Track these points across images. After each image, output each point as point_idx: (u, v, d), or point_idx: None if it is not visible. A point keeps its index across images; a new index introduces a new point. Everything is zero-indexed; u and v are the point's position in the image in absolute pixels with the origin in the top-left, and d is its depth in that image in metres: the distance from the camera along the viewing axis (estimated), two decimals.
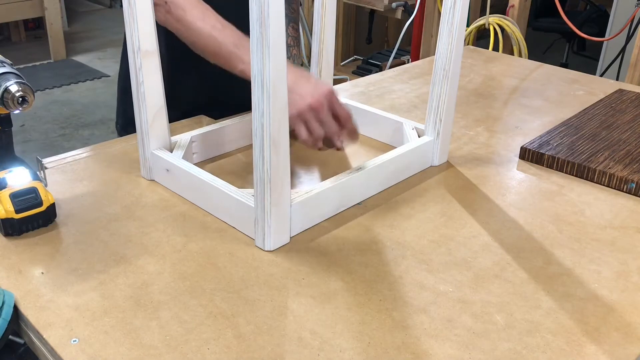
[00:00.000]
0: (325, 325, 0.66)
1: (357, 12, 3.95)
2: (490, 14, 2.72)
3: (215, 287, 0.71)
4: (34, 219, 0.79)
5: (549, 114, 1.25)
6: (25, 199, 0.78)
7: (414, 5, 2.91)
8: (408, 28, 2.90)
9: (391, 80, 1.43)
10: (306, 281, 0.73)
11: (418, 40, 3.06)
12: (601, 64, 3.29)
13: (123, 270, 0.74)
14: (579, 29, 2.53)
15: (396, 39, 3.05)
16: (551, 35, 4.10)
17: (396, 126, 1.07)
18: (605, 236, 0.84)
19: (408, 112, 1.24)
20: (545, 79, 1.47)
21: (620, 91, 1.34)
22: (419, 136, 1.01)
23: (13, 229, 0.79)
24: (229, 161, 1.02)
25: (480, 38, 2.90)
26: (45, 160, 0.94)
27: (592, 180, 0.98)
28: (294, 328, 0.65)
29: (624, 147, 1.05)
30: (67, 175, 0.95)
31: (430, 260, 0.77)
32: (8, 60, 0.80)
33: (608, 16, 3.31)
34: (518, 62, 1.62)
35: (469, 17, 2.46)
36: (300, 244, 0.80)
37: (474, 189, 0.95)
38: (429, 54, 3.00)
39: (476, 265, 0.77)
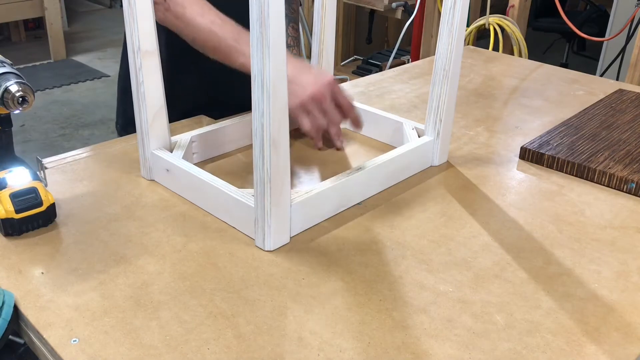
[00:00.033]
0: (325, 325, 0.66)
1: (357, 12, 3.95)
2: (490, 14, 2.72)
3: (215, 287, 0.71)
4: (34, 219, 0.79)
5: (549, 114, 1.25)
6: (25, 199, 0.78)
7: (414, 5, 2.90)
8: (408, 28, 2.90)
9: (391, 80, 1.43)
10: (306, 281, 0.73)
11: (418, 40, 3.06)
12: (601, 64, 3.29)
13: (123, 270, 0.74)
14: (579, 29, 2.53)
15: (396, 39, 3.05)
16: (551, 35, 4.10)
17: (396, 126, 1.07)
18: (605, 236, 0.84)
19: (408, 112, 1.24)
20: (545, 79, 1.47)
21: (620, 91, 1.34)
22: (419, 136, 1.01)
23: (13, 229, 0.79)
24: (229, 161, 1.02)
25: (480, 38, 2.90)
26: (45, 160, 0.94)
27: (592, 180, 0.98)
28: (294, 328, 0.65)
29: (624, 147, 1.05)
30: (67, 175, 0.95)
31: (430, 260, 0.77)
32: (8, 60, 0.80)
33: (608, 16, 3.31)
34: (518, 62, 1.62)
35: (469, 17, 2.46)
36: (300, 244, 0.80)
37: (474, 189, 0.95)
38: (429, 54, 3.00)
39: (476, 265, 0.77)
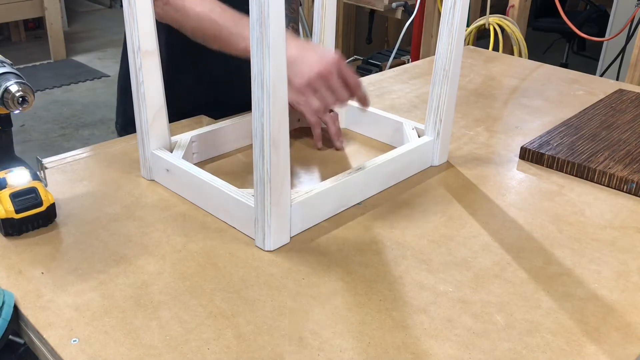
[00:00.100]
0: (325, 325, 0.66)
1: (357, 12, 3.95)
2: (490, 14, 2.72)
3: (215, 287, 0.71)
4: (34, 219, 0.79)
5: (549, 114, 1.25)
6: (25, 199, 0.78)
7: (414, 5, 2.90)
8: (408, 28, 2.90)
9: (391, 80, 1.43)
10: (306, 281, 0.73)
11: (418, 40, 3.06)
12: (601, 64, 3.29)
13: (123, 270, 0.74)
14: (579, 29, 2.53)
15: (396, 39, 3.05)
16: (551, 35, 4.10)
17: (396, 126, 1.07)
18: (605, 236, 0.84)
19: (408, 112, 1.24)
20: (545, 79, 1.47)
21: (620, 91, 1.34)
22: (419, 136, 1.01)
23: (13, 229, 0.79)
24: (229, 161, 1.02)
25: (480, 38, 2.90)
26: (45, 160, 0.94)
27: (592, 180, 0.98)
28: (294, 328, 0.65)
29: (624, 147, 1.05)
30: (67, 175, 0.95)
31: (430, 260, 0.77)
32: (8, 60, 0.80)
33: (608, 16, 3.31)
34: (518, 62, 1.62)
35: (469, 17, 2.46)
36: (300, 244, 0.80)
37: (474, 189, 0.95)
38: (429, 54, 3.00)
39: (476, 265, 0.77)
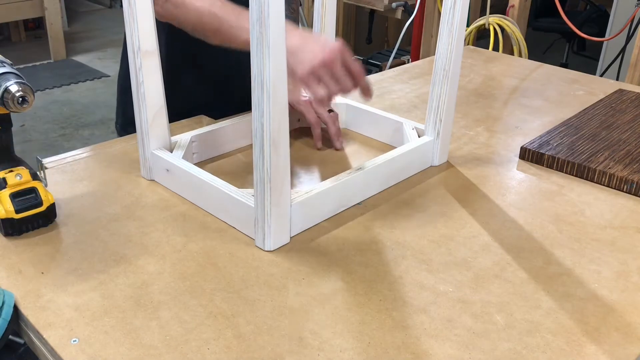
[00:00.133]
0: (325, 325, 0.66)
1: (357, 12, 3.95)
2: (490, 14, 2.72)
3: (215, 287, 0.71)
4: (34, 219, 0.79)
5: (549, 114, 1.25)
6: (25, 199, 0.78)
7: (414, 5, 2.90)
8: (408, 28, 2.90)
9: (391, 80, 1.43)
10: (306, 281, 0.73)
11: (418, 40, 3.06)
12: (601, 64, 3.29)
13: (123, 270, 0.74)
14: (579, 29, 2.53)
15: (396, 39, 3.05)
16: (551, 35, 4.10)
17: (396, 126, 1.07)
18: (605, 236, 0.84)
19: (408, 112, 1.24)
20: (545, 79, 1.47)
21: (620, 91, 1.34)
22: (419, 136, 1.01)
23: (13, 229, 0.79)
24: (229, 161, 1.02)
25: (480, 38, 2.90)
26: (45, 160, 0.94)
27: (592, 180, 0.98)
28: (294, 328, 0.65)
29: (624, 147, 1.05)
30: (67, 175, 0.95)
31: (430, 260, 0.77)
32: (8, 60, 0.80)
33: (608, 16, 3.31)
34: (518, 62, 1.62)
35: (469, 17, 2.46)
36: (300, 244, 0.80)
37: (474, 189, 0.95)
38: (429, 54, 3.00)
39: (476, 265, 0.77)
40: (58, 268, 0.74)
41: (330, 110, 1.09)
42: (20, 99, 0.75)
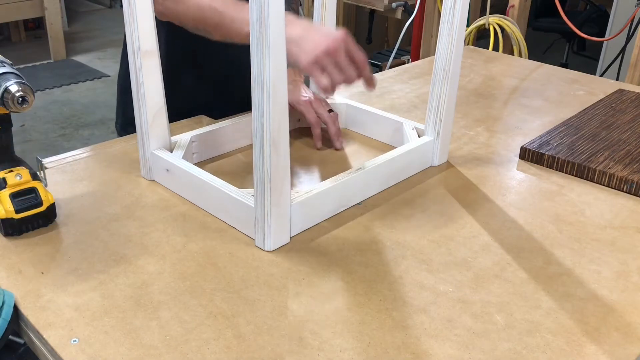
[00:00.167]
0: (325, 325, 0.66)
1: (357, 12, 3.95)
2: (490, 14, 2.72)
3: (215, 287, 0.71)
4: (34, 219, 0.79)
5: (549, 114, 1.25)
6: (25, 199, 0.78)
7: (414, 5, 2.90)
8: (408, 28, 2.90)
9: (391, 80, 1.43)
10: (306, 281, 0.73)
11: (418, 40, 3.06)
12: (601, 64, 3.29)
13: (123, 270, 0.74)
14: (579, 29, 2.53)
15: (396, 39, 3.05)
16: (551, 35, 4.10)
17: (396, 126, 1.07)
18: (605, 236, 0.84)
19: (408, 112, 1.24)
20: (545, 79, 1.47)
21: (620, 91, 1.34)
22: (419, 136, 1.01)
23: (13, 229, 0.79)
24: (229, 161, 1.02)
25: (480, 38, 2.90)
26: (45, 160, 0.94)
27: (592, 180, 0.98)
28: (294, 328, 0.65)
29: (624, 147, 1.05)
30: (67, 175, 0.95)
31: (430, 260, 0.77)
32: (8, 60, 0.80)
33: (608, 16, 3.31)
34: (518, 62, 1.62)
35: (469, 17, 2.46)
36: (300, 244, 0.80)
37: (474, 189, 0.95)
38: (429, 54, 3.00)
39: (476, 265, 0.77)
40: (58, 268, 0.74)
41: (330, 110, 1.09)
42: (20, 99, 0.75)
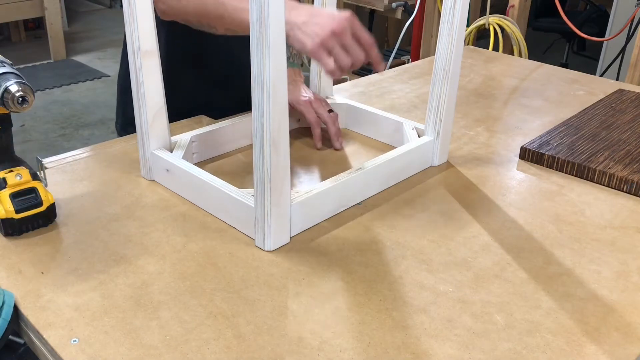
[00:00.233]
0: (325, 325, 0.66)
1: (357, 12, 3.94)
2: (490, 14, 2.72)
3: (215, 287, 0.71)
4: (34, 219, 0.79)
5: (549, 114, 1.25)
6: (25, 199, 0.78)
7: (414, 5, 2.90)
8: (408, 28, 2.90)
9: (391, 80, 1.43)
10: (306, 281, 0.73)
11: (418, 40, 3.06)
12: (601, 64, 3.29)
13: (123, 270, 0.74)
14: (579, 29, 2.53)
15: (396, 39, 3.05)
16: (551, 35, 4.10)
17: (396, 126, 1.07)
18: (605, 236, 0.84)
19: (408, 112, 1.24)
20: (545, 79, 1.47)
21: (620, 91, 1.34)
22: (419, 136, 1.01)
23: (13, 229, 0.79)
24: (229, 161, 1.02)
25: (480, 38, 2.90)
26: (45, 160, 0.94)
27: (592, 180, 0.98)
28: (294, 328, 0.65)
29: (624, 147, 1.05)
30: (67, 175, 0.95)
31: (430, 260, 0.77)
32: (8, 60, 0.80)
33: (608, 16, 3.31)
34: (518, 62, 1.62)
35: (469, 17, 2.46)
36: (300, 244, 0.80)
37: (474, 189, 0.95)
38: (429, 54, 3.01)
39: (476, 265, 0.77)
40: (58, 268, 0.74)
41: (330, 110, 1.09)
42: (20, 99, 0.75)
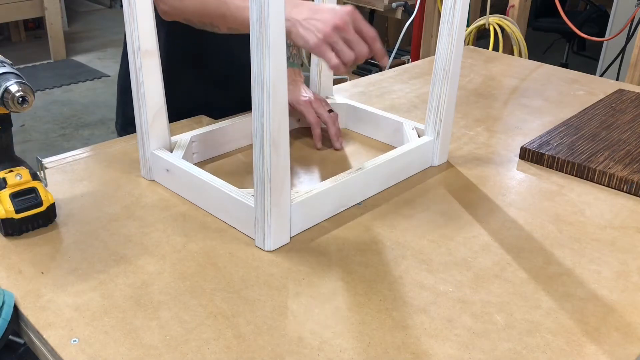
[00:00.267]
0: (325, 325, 0.66)
1: None
2: (490, 14, 2.73)
3: (215, 287, 0.71)
4: (34, 219, 0.79)
5: (549, 114, 1.25)
6: (25, 199, 0.78)
7: (414, 5, 2.91)
8: (408, 28, 2.90)
9: (391, 80, 1.43)
10: (306, 281, 0.73)
11: (418, 40, 3.06)
12: (601, 64, 3.29)
13: (123, 270, 0.74)
14: (579, 29, 2.53)
15: (396, 39, 3.05)
16: (551, 35, 4.10)
17: (396, 126, 1.07)
18: (605, 236, 0.84)
19: (408, 112, 1.24)
20: (545, 79, 1.47)
21: (620, 91, 1.34)
22: (419, 136, 1.01)
23: (13, 229, 0.79)
24: (229, 161, 1.02)
25: (480, 38, 2.90)
26: (45, 160, 0.94)
27: (592, 180, 0.98)
28: (294, 328, 0.65)
29: (624, 147, 1.05)
30: (67, 175, 0.95)
31: (430, 260, 0.77)
32: (8, 60, 0.80)
33: (608, 16, 3.31)
34: (518, 62, 1.62)
35: (469, 17, 2.46)
36: (300, 244, 0.80)
37: (474, 189, 0.95)
38: (429, 54, 3.01)
39: (476, 265, 0.77)
40: (58, 268, 0.74)
41: (330, 110, 1.09)
42: (20, 99, 0.75)
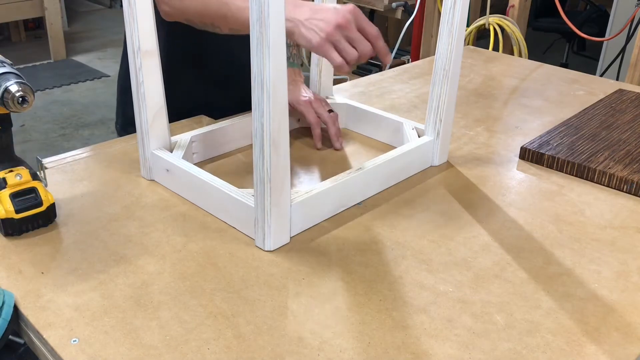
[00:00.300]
0: (325, 325, 0.66)
1: None
2: (490, 14, 2.72)
3: (215, 287, 0.71)
4: (34, 219, 0.79)
5: (549, 114, 1.25)
6: (25, 199, 0.78)
7: (414, 5, 2.91)
8: (408, 28, 2.90)
9: (391, 80, 1.43)
10: (306, 281, 0.73)
11: (418, 40, 3.06)
12: (601, 64, 3.29)
13: (123, 270, 0.74)
14: (579, 29, 2.53)
15: (396, 39, 3.05)
16: (551, 35, 4.10)
17: (396, 126, 1.07)
18: (605, 236, 0.84)
19: (408, 112, 1.24)
20: (545, 79, 1.47)
21: (620, 91, 1.34)
22: (419, 136, 1.01)
23: (13, 229, 0.79)
24: (229, 161, 1.03)
25: (480, 38, 2.90)
26: (45, 160, 0.94)
27: (592, 180, 0.98)
28: (294, 328, 0.65)
29: (624, 147, 1.05)
30: (67, 175, 0.95)
31: (430, 260, 0.77)
32: (8, 60, 0.80)
33: (608, 16, 3.31)
34: (518, 62, 1.62)
35: (469, 17, 2.46)
36: (300, 244, 0.80)
37: (474, 189, 0.95)
38: (429, 54, 3.01)
39: (476, 265, 0.77)
40: (58, 268, 0.74)
41: (330, 110, 1.09)
42: (20, 99, 0.75)
